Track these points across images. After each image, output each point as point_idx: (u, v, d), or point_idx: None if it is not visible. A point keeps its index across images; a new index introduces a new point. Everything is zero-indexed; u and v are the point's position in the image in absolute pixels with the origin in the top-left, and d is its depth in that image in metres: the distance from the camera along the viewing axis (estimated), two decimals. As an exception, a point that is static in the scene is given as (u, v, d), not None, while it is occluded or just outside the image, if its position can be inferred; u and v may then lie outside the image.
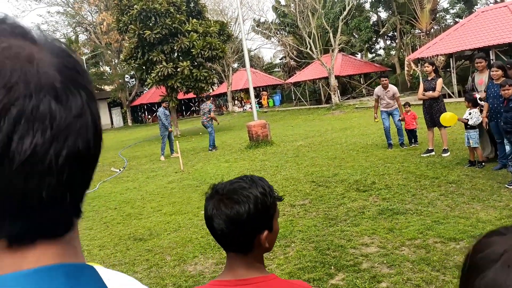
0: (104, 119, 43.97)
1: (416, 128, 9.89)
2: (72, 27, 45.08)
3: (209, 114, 14.74)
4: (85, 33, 45.66)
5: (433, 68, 8.77)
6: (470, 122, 7.27)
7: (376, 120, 10.38)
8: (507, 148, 6.33)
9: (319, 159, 10.00)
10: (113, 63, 43.21)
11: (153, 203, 8.00)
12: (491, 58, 18.10)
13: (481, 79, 7.55)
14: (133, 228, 6.52)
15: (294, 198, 6.93)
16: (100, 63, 45.86)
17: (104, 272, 0.68)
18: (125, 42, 29.96)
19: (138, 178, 11.09)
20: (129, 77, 46.40)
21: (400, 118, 9.90)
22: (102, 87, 47.06)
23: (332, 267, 4.22)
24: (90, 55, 42.33)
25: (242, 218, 1.21)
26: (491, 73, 6.63)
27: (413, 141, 9.94)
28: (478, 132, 7.29)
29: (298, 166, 9.52)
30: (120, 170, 12.93)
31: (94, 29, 42.46)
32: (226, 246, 1.27)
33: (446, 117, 7.69)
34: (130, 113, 43.31)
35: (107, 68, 46.15)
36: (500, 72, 6.53)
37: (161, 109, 14.09)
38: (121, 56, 23.66)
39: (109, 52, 42.28)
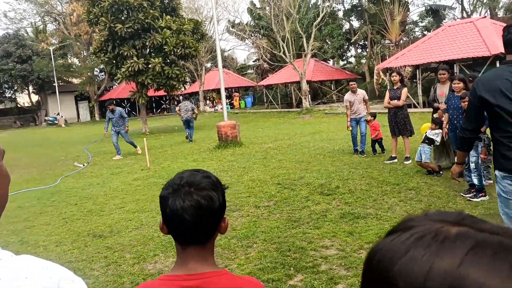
0: (70, 113, 42.90)
1: (378, 138, 9.97)
2: (40, 16, 43.80)
3: (194, 111, 16.15)
4: (53, 23, 44.45)
5: (400, 78, 9.01)
6: (436, 143, 7.56)
7: (349, 128, 10.28)
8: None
9: (286, 162, 10.09)
10: (82, 55, 42.23)
11: (116, 200, 7.87)
12: (455, 71, 18.73)
13: (442, 91, 7.81)
14: (93, 225, 6.39)
15: (259, 199, 6.96)
16: (69, 55, 44.70)
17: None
18: (95, 35, 29.35)
19: (102, 174, 10.88)
20: (98, 71, 45.43)
21: (367, 120, 10.09)
22: (70, 79, 45.92)
23: (292, 268, 4.27)
24: (58, 46, 41.21)
25: (216, 205, 1.25)
26: (453, 85, 6.86)
27: (379, 150, 10.09)
28: (431, 149, 7.59)
29: (266, 168, 9.57)
30: (83, 165, 12.65)
31: (63, 19, 41.38)
32: (190, 238, 1.27)
33: (426, 128, 7.93)
34: (98, 108, 42.38)
35: (76, 60, 45.05)
36: (461, 84, 6.77)
37: (108, 113, 13.68)
38: (90, 49, 23.16)
39: (78, 44, 41.29)
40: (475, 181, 6.15)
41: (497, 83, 2.94)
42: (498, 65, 17.57)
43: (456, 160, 3.62)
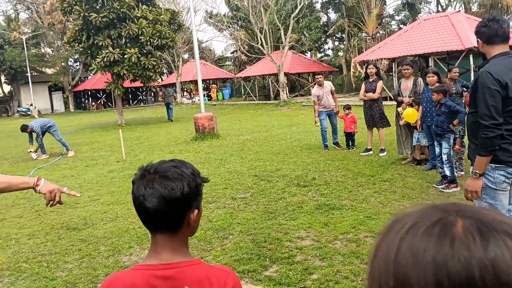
0: (44, 104, 41.89)
1: (354, 131, 9.83)
2: (12, 4, 42.51)
3: (174, 95, 17.42)
4: (26, 11, 43.21)
5: (376, 71, 9.11)
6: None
7: (317, 124, 10.10)
8: (437, 150, 6.70)
9: (263, 154, 10.11)
10: (56, 45, 41.23)
11: (91, 192, 7.75)
12: (430, 64, 19.06)
13: (406, 85, 7.96)
14: (67, 217, 6.28)
15: (236, 191, 6.97)
16: (42, 44, 43.56)
17: None
18: (70, 24, 28.67)
19: (77, 166, 10.69)
20: (72, 61, 44.45)
21: (335, 111, 9.98)
22: (43, 69, 44.79)
23: (267, 259, 4.30)
24: (31, 35, 40.10)
25: (176, 195, 1.24)
26: (427, 78, 6.99)
27: (350, 144, 9.86)
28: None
29: (242, 160, 9.57)
30: (36, 153, 12.30)
31: (36, 8, 40.27)
32: (155, 225, 1.28)
33: (409, 113, 7.57)
34: (72, 99, 41.52)
35: (49, 50, 43.92)
36: (435, 78, 6.90)
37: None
38: (64, 38, 22.59)
39: (51, 33, 40.27)
40: (447, 172, 6.29)
41: (508, 73, 2.90)
42: (471, 58, 17.97)
43: (475, 169, 3.02)
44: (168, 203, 1.23)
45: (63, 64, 40.41)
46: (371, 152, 9.06)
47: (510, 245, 0.50)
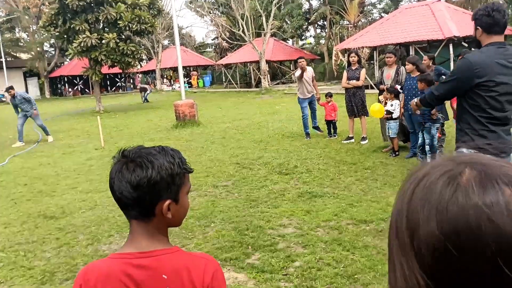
0: (19, 90, 40.75)
1: (335, 119, 9.76)
2: (-16, -14, 40.98)
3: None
4: (0, -6, 41.74)
5: (358, 59, 9.11)
6: (394, 115, 7.58)
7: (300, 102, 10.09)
8: (420, 139, 6.77)
9: (245, 141, 10.06)
10: (31, 29, 40.03)
11: (69, 180, 7.59)
12: (411, 53, 19.20)
13: (388, 73, 8.01)
14: (44, 206, 6.13)
15: (218, 179, 6.92)
16: (17, 29, 42.26)
17: None
18: (45, 8, 27.82)
19: (54, 154, 10.45)
20: (48, 46, 43.30)
21: (317, 97, 9.88)
22: (18, 54, 43.54)
23: (250, 247, 4.27)
24: (5, 19, 38.86)
25: (142, 182, 1.20)
26: (406, 67, 7.04)
27: (332, 132, 9.82)
28: (398, 123, 7.64)
29: (224, 147, 9.50)
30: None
31: (10, -10, 38.93)
32: (126, 210, 1.25)
33: (375, 109, 7.65)
34: (48, 85, 40.54)
35: (24, 35, 42.67)
36: (410, 66, 6.96)
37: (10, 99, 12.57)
38: (40, 23, 21.90)
39: (26, 17, 39.04)
40: (429, 161, 6.36)
41: (490, 64, 3.02)
42: (451, 48, 18.17)
43: (417, 102, 3.73)
44: (134, 189, 1.20)
45: (38, 49, 39.32)
46: (353, 140, 9.10)
47: (507, 194, 0.53)
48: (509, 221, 0.51)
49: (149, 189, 1.21)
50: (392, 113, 7.53)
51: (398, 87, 7.72)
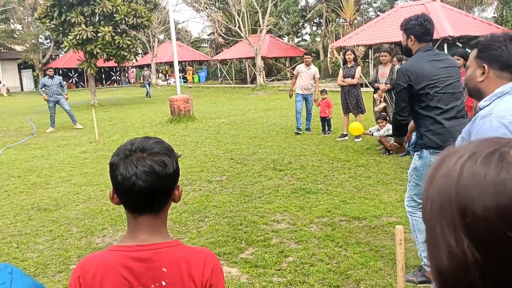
0: (13, 82, 40.46)
1: (329, 116, 9.83)
2: (-21, -24, 40.51)
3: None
4: (-6, -16, 41.29)
5: (354, 57, 9.15)
6: (375, 134, 7.86)
7: (291, 96, 10.37)
8: (413, 137, 6.80)
9: (239, 137, 10.07)
10: (26, 21, 39.66)
11: (62, 173, 7.57)
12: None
13: (383, 72, 8.07)
14: (38, 198, 6.12)
15: (212, 174, 6.93)
16: (11, 20, 41.81)
17: None
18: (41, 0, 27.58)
19: (48, 146, 10.41)
20: (43, 38, 42.95)
21: (314, 99, 10.01)
22: (12, 46, 43.13)
23: (243, 242, 4.30)
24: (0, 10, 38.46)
25: (170, 171, 1.21)
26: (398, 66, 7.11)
27: (326, 129, 9.89)
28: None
29: (219, 143, 9.51)
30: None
31: (5, -19, 38.50)
32: (144, 206, 1.23)
33: (354, 127, 8.22)
34: (42, 77, 40.14)
35: (19, 26, 42.28)
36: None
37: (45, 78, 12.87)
38: (35, 14, 21.72)
39: (21, 8, 38.68)
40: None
41: (424, 66, 3.27)
42: (445, 47, 18.25)
43: (395, 142, 3.79)
44: (162, 180, 1.20)
45: (33, 41, 38.96)
46: (347, 138, 9.14)
47: None
48: None
49: (174, 176, 1.23)
50: (371, 133, 7.88)
51: (378, 85, 7.91)
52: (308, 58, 10.12)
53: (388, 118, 7.75)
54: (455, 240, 0.58)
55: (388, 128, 7.65)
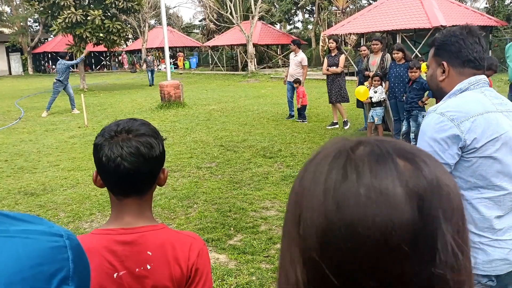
0: (1, 65, 39.82)
1: (303, 105, 9.79)
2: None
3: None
4: (-19, -35, 40.35)
5: (337, 45, 9.10)
6: (374, 99, 7.63)
7: (285, 83, 10.44)
8: (404, 127, 6.83)
9: (230, 124, 10.04)
10: (15, 3, 38.93)
11: (50, 158, 7.49)
12: (397, 41, 19.25)
13: (374, 60, 8.07)
14: (25, 182, 6.06)
15: (201, 160, 6.91)
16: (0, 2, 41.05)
17: None
18: (29, -19, 26.97)
19: (36, 131, 10.29)
20: (32, 21, 42.21)
21: (296, 85, 9.94)
22: (0, 29, 42.34)
23: (232, 229, 4.30)
24: (-14, -9, 37.64)
25: (156, 153, 1.19)
26: (393, 55, 7.07)
27: (300, 117, 9.89)
28: (383, 110, 7.70)
29: (209, 129, 9.48)
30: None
31: (-8, -39, 37.66)
32: (128, 188, 1.20)
33: (360, 91, 7.69)
34: (31, 61, 39.60)
35: (7, 8, 41.48)
36: (400, 54, 6.99)
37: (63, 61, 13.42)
38: (23, -4, 21.28)
39: (9, -10, 37.93)
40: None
41: None
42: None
43: None
44: (148, 162, 1.17)
45: (21, 24, 38.29)
46: (337, 126, 9.16)
47: (401, 165, 0.50)
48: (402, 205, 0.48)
49: (160, 158, 1.22)
50: (372, 98, 7.60)
51: (369, 74, 7.86)
52: (293, 46, 10.09)
53: (383, 78, 7.61)
54: (290, 256, 0.52)
55: (377, 91, 7.56)
